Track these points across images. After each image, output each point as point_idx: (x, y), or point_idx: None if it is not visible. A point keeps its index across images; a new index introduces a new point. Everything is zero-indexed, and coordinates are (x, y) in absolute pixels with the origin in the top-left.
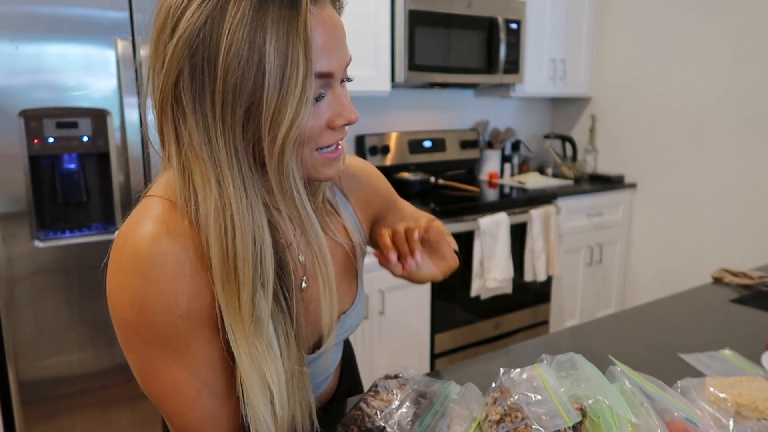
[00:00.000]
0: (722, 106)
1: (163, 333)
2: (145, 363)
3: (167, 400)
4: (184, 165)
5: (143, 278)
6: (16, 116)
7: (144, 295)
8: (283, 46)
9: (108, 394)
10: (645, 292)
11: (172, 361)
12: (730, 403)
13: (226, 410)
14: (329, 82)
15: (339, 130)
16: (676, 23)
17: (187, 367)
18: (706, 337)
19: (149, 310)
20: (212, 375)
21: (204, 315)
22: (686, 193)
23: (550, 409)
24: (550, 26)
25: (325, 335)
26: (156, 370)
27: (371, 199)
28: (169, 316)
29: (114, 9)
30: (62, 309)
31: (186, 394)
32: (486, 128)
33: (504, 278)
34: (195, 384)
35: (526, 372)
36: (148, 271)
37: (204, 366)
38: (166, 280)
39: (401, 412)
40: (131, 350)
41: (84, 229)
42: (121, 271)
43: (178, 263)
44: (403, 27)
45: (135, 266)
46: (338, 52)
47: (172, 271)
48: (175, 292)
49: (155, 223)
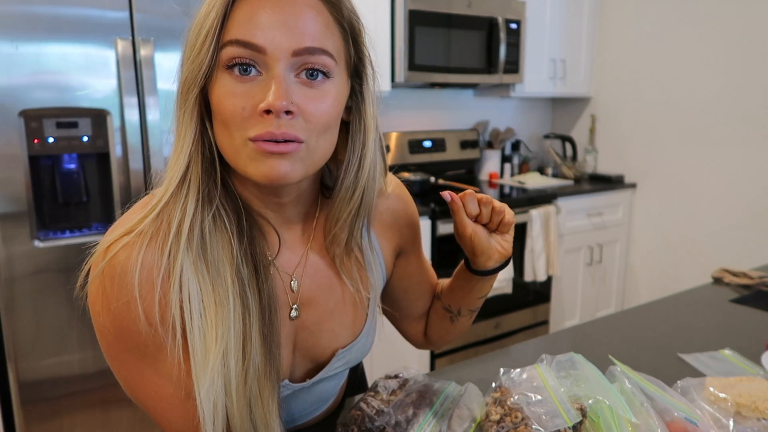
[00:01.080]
0: (722, 105)
1: (139, 341)
2: (128, 371)
3: (153, 407)
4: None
5: (117, 285)
6: (16, 116)
7: (117, 302)
8: (206, 5)
9: (108, 394)
10: (645, 292)
11: (153, 369)
12: (730, 403)
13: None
14: (262, 60)
15: (268, 118)
16: (676, 23)
17: (167, 376)
18: (706, 337)
19: (123, 318)
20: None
21: (178, 323)
22: (686, 193)
23: (550, 409)
24: (550, 26)
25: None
26: (138, 377)
27: (405, 234)
28: (142, 325)
29: (114, 9)
30: (62, 309)
31: (170, 402)
32: (486, 128)
33: (504, 278)
34: (177, 392)
35: (526, 372)
36: (121, 277)
37: (185, 374)
38: (134, 290)
39: (401, 412)
40: (113, 357)
41: (84, 229)
42: (98, 276)
43: (144, 272)
44: (403, 27)
45: (108, 273)
46: (275, 29)
47: (144, 279)
48: (143, 300)
49: (131, 230)
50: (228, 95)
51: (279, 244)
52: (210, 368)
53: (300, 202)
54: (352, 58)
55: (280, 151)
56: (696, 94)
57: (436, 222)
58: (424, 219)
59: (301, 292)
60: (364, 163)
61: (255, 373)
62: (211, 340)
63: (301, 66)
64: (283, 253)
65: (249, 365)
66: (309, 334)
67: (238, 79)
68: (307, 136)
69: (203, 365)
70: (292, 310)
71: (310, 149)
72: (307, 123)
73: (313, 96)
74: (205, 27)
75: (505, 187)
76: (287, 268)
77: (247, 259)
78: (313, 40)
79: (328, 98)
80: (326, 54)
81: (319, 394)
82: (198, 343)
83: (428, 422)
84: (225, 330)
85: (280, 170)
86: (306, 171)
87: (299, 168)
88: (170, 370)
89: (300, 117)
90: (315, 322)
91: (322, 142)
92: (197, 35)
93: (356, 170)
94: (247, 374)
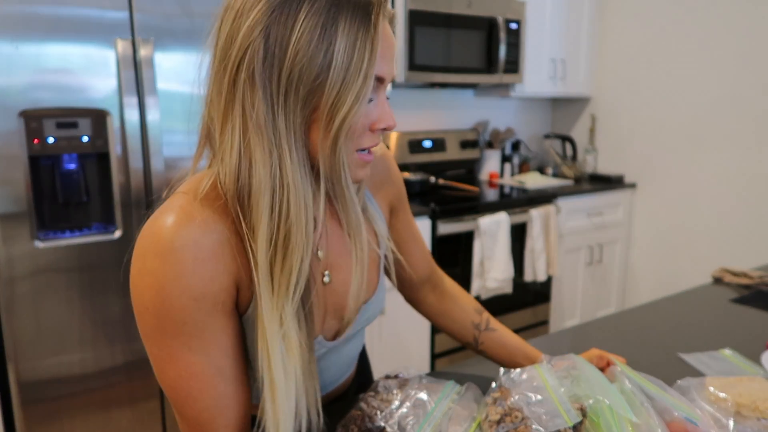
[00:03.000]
0: (722, 105)
1: (179, 318)
2: (161, 350)
3: (181, 387)
4: (247, 138)
5: (162, 261)
6: (16, 116)
7: (163, 278)
8: (353, 41)
9: (108, 394)
10: (645, 292)
11: (187, 347)
12: (730, 403)
13: (237, 398)
14: (380, 87)
15: (377, 134)
16: (676, 23)
17: (202, 353)
18: (706, 337)
19: (167, 293)
20: (226, 361)
21: (219, 299)
22: (686, 193)
23: (550, 409)
24: (550, 26)
25: (345, 323)
26: (172, 356)
27: (392, 191)
28: (185, 299)
29: (114, 9)
30: (62, 309)
31: (200, 380)
32: (486, 128)
33: (504, 278)
34: (209, 370)
35: (526, 372)
36: (168, 254)
37: (218, 352)
38: (185, 263)
39: (401, 412)
40: (149, 337)
41: (84, 229)
42: (142, 257)
43: (197, 247)
44: (403, 27)
45: (155, 250)
46: (392, 62)
47: (191, 255)
48: (193, 274)
49: (176, 212)
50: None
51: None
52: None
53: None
54: None
55: (372, 159)
56: (696, 94)
57: (436, 222)
58: (424, 219)
59: (327, 258)
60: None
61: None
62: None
63: None
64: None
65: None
66: (338, 296)
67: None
68: None
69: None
70: (324, 276)
71: None
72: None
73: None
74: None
75: (505, 187)
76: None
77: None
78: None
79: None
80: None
81: (346, 355)
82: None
83: (428, 422)
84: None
85: (368, 172)
86: None
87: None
88: (206, 347)
89: None
90: (342, 283)
91: None
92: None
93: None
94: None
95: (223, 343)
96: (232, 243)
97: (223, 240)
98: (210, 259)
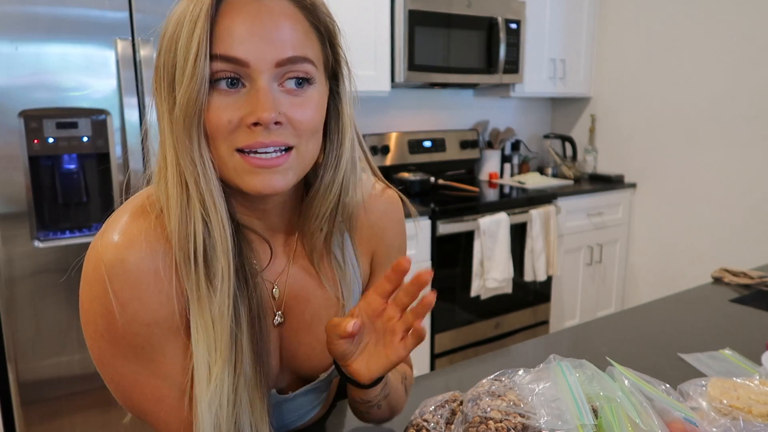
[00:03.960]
0: (722, 105)
1: (135, 342)
2: (123, 376)
3: (150, 412)
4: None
5: (107, 288)
6: (16, 116)
7: (111, 306)
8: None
9: (108, 394)
10: (645, 292)
11: (149, 371)
12: (730, 403)
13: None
14: (246, 72)
15: (257, 130)
16: (677, 23)
17: (164, 376)
18: (706, 337)
19: (117, 320)
20: (189, 382)
21: (174, 323)
22: (686, 193)
23: (559, 410)
24: (550, 26)
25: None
26: (135, 382)
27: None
28: (137, 326)
29: (114, 9)
30: (62, 309)
31: (167, 403)
32: (486, 128)
33: (504, 278)
34: (174, 393)
35: (530, 373)
36: (111, 280)
37: (180, 374)
38: (130, 289)
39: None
40: (107, 364)
41: (84, 230)
42: (88, 282)
43: (140, 271)
44: (403, 27)
45: (98, 276)
46: (257, 41)
47: (134, 279)
48: (140, 299)
49: (119, 233)
50: (215, 109)
51: (271, 253)
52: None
53: (284, 209)
54: (330, 60)
55: (272, 165)
56: (696, 94)
57: (436, 222)
58: (424, 219)
59: (284, 299)
60: (341, 161)
61: (245, 383)
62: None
63: (284, 75)
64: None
65: (240, 374)
66: (291, 345)
67: (224, 93)
68: (297, 142)
69: (206, 378)
70: (276, 317)
71: (300, 155)
72: (296, 130)
73: (299, 103)
74: (193, 47)
75: (504, 187)
76: (271, 275)
77: (237, 269)
78: (294, 49)
79: (312, 104)
80: (308, 61)
81: (307, 403)
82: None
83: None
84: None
85: (274, 184)
86: (297, 177)
87: (291, 176)
88: (167, 371)
89: (288, 125)
90: (295, 332)
91: (311, 146)
92: (185, 55)
93: (334, 168)
94: (238, 383)
95: (185, 365)
96: (176, 260)
97: (166, 261)
98: (154, 283)
